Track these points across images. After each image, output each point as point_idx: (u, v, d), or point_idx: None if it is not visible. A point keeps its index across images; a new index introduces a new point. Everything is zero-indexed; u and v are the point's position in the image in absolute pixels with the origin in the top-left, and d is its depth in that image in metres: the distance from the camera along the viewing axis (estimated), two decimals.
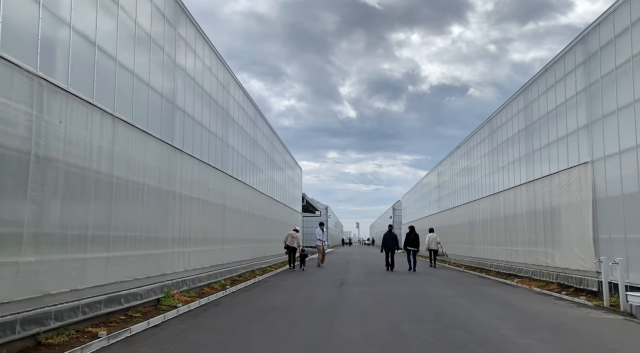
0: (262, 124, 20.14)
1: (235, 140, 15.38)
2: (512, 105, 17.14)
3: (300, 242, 20.96)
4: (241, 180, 16.16)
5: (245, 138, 16.87)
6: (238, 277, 15.34)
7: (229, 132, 14.53)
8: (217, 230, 13.26)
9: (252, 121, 18.06)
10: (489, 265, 19.94)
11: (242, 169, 16.43)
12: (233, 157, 15.16)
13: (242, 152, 16.37)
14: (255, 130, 18.54)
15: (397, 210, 69.77)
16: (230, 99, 14.85)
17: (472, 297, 10.98)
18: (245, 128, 16.78)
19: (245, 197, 16.87)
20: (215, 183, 13.16)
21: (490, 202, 19.83)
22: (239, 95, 16.02)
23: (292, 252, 20.50)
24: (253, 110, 18.33)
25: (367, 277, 16.61)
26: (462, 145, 25.43)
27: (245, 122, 16.91)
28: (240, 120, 16.04)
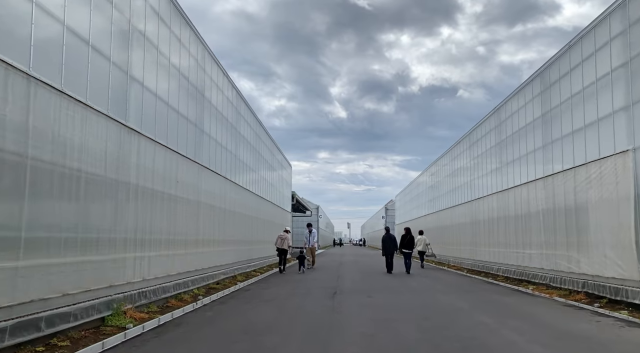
0: (246, 113, 18.17)
1: (213, 127, 13.41)
2: (525, 91, 15.34)
3: (291, 243, 19.74)
4: (221, 174, 14.20)
5: (226, 126, 14.91)
6: (216, 284, 13.38)
7: (204, 117, 12.56)
8: (188, 230, 11.30)
9: (234, 107, 16.08)
10: (495, 269, 18.14)
11: (223, 161, 14.47)
12: (211, 147, 13.19)
13: (222, 142, 14.40)
14: (237, 119, 16.58)
15: (390, 210, 67.98)
16: (207, 79, 12.87)
17: (491, 310, 9.12)
18: (225, 114, 14.81)
19: (226, 193, 14.90)
20: (187, 175, 11.20)
21: (498, 200, 18.03)
22: (217, 75, 14.04)
23: (282, 254, 19.48)
24: (235, 95, 16.35)
25: (364, 282, 14.73)
26: (464, 140, 23.64)
27: (226, 107, 14.94)
28: (219, 105, 14.07)
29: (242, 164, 17.42)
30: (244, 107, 17.65)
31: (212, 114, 13.38)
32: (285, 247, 19.47)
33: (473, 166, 21.74)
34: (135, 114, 8.48)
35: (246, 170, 18.12)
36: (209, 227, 12.99)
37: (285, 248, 19.47)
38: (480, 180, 20.58)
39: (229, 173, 15.16)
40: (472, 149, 21.87)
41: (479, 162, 20.75)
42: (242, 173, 17.42)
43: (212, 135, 13.33)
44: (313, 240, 22.22)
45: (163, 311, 8.81)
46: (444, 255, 27.91)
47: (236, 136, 16.32)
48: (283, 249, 19.44)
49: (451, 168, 26.64)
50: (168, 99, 9.99)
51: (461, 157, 24.18)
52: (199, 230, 12.06)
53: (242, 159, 17.40)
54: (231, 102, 15.67)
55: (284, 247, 19.48)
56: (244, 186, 17.67)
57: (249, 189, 18.61)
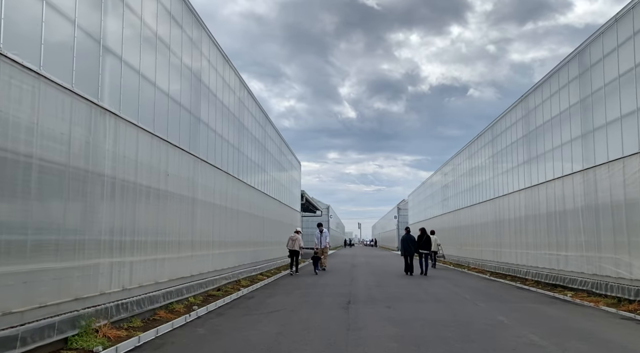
0: (250, 104, 16.79)
1: (212, 116, 12.05)
2: (560, 75, 13.77)
3: (302, 244, 19.11)
4: (222, 169, 12.83)
5: (227, 117, 13.54)
6: (216, 291, 12.01)
7: (201, 104, 11.19)
8: (182, 231, 9.94)
9: (235, 96, 14.70)
10: (523, 272, 16.56)
11: (224, 155, 13.10)
12: (209, 138, 11.83)
13: (223, 134, 13.03)
14: (240, 109, 15.19)
15: (403, 210, 66.29)
16: (204, 61, 11.49)
17: (539, 325, 7.62)
18: (226, 103, 13.43)
19: (228, 190, 13.54)
20: (180, 168, 9.84)
21: (526, 197, 16.46)
22: (217, 59, 12.67)
23: (294, 255, 18.89)
24: (237, 80, 14.96)
25: (380, 289, 13.26)
26: (485, 133, 22.06)
27: (227, 95, 13.56)
28: (219, 92, 12.69)
29: (247, 159, 16.05)
30: (247, 97, 16.27)
31: (211, 102, 12.01)
32: (296, 248, 18.78)
33: (496, 161, 20.16)
34: (112, 93, 7.12)
35: (251, 166, 16.75)
36: (207, 227, 11.62)
37: (296, 249, 18.79)
38: (504, 176, 18.99)
39: (231, 168, 13.78)
40: (495, 142, 20.29)
41: (502, 156, 19.17)
42: (247, 169, 16.05)
43: (211, 126, 11.96)
44: (325, 241, 20.85)
45: (147, 326, 7.44)
46: (462, 257, 26.33)
47: (239, 128, 14.95)
48: (294, 250, 18.79)
49: (469, 165, 25.04)
50: (155, 80, 8.63)
51: (481, 153, 22.59)
52: (195, 231, 10.69)
53: (247, 153, 16.02)
54: (233, 91, 14.29)
55: (295, 249, 18.79)
56: (249, 183, 16.30)
57: (255, 187, 17.24)
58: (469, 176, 25.06)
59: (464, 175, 26.31)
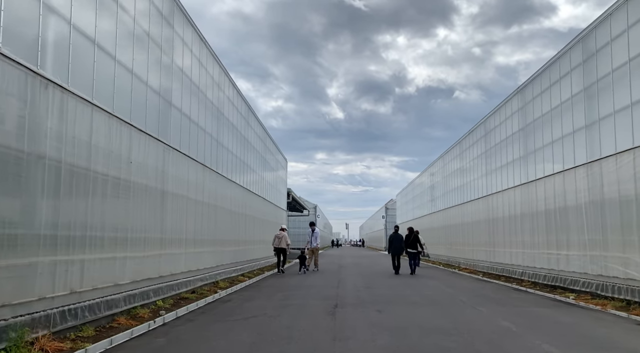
0: (230, 91, 15.72)
1: (186, 102, 10.97)
2: (561, 63, 12.94)
3: (289, 241, 18.53)
4: (197, 160, 11.76)
5: (204, 104, 12.47)
6: (190, 293, 10.95)
7: (172, 87, 10.11)
8: (148, 226, 8.86)
9: (214, 82, 13.62)
10: (519, 273, 15.75)
11: (200, 145, 12.03)
12: (183, 126, 10.76)
13: (199, 122, 11.96)
14: (220, 96, 14.11)
15: (391, 210, 65.59)
16: (176, 37, 10.40)
17: (550, 334, 6.71)
18: (203, 88, 12.36)
19: (205, 183, 12.48)
20: (147, 156, 8.76)
21: (523, 194, 15.64)
22: (192, 37, 11.59)
23: (280, 253, 18.29)
24: (215, 65, 13.88)
25: (370, 291, 12.30)
26: (477, 129, 21.25)
27: (203, 79, 12.48)
28: (194, 75, 11.61)
29: (227, 152, 14.99)
30: (228, 84, 15.19)
31: (185, 85, 10.94)
32: (283, 246, 18.10)
33: (489, 157, 19.35)
34: (57, 62, 6.04)
35: (232, 160, 15.69)
36: (179, 223, 10.55)
37: (283, 247, 18.11)
38: (497, 173, 18.19)
39: (208, 160, 12.72)
40: (488, 137, 19.48)
41: (496, 151, 18.36)
42: (227, 163, 14.99)
43: (185, 111, 10.89)
44: (315, 241, 19.92)
45: (100, 336, 6.38)
46: (453, 257, 25.53)
47: (218, 117, 13.88)
48: (281, 248, 18.13)
49: (460, 162, 24.25)
50: (116, 54, 7.55)
51: (473, 149, 21.78)
52: (164, 227, 9.62)
53: (227, 146, 14.96)
54: (212, 77, 13.21)
55: (281, 246, 18.11)
56: (230, 178, 15.23)
57: (236, 182, 16.17)
58: (460, 173, 24.26)
59: (455, 172, 25.52)
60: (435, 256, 30.18)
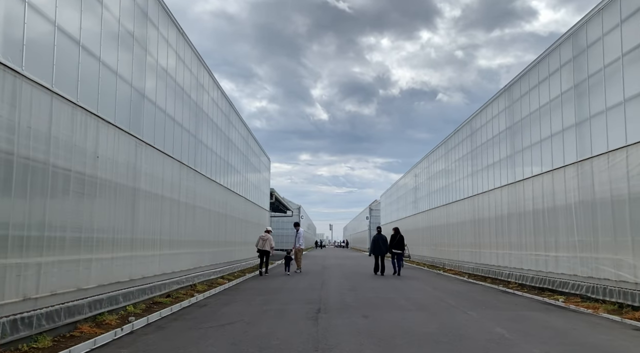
0: (210, 86, 15.12)
1: (162, 94, 10.37)
2: (550, 60, 12.65)
3: (273, 244, 18.38)
4: (174, 157, 11.16)
5: (181, 98, 11.87)
6: (164, 297, 10.34)
7: (146, 75, 9.51)
8: (117, 226, 8.25)
9: (190, 73, 13.00)
10: (505, 274, 15.45)
11: (177, 141, 11.43)
12: (157, 119, 10.16)
13: (176, 117, 11.37)
14: (197, 89, 13.49)
15: (375, 210, 65.39)
16: (150, 26, 9.79)
17: (548, 341, 6.31)
18: (180, 81, 11.75)
19: (182, 181, 11.88)
20: (116, 151, 8.15)
21: (510, 194, 15.34)
22: (163, 21, 10.98)
23: (264, 255, 18.06)
24: (193, 56, 13.27)
25: (355, 294, 11.82)
26: (463, 128, 20.98)
27: (180, 71, 11.87)
28: (170, 68, 11.01)
29: (207, 150, 14.38)
30: (208, 79, 14.58)
31: (160, 77, 10.34)
32: (267, 248, 17.90)
33: (475, 156, 19.06)
34: (7, 43, 5.44)
35: (212, 157, 15.09)
36: (153, 224, 9.94)
37: (267, 250, 17.92)
38: (484, 172, 17.90)
39: (185, 157, 12.11)
40: (474, 137, 19.19)
41: (482, 151, 18.07)
42: (207, 160, 14.39)
43: (160, 105, 10.29)
44: (299, 242, 19.52)
45: (58, 346, 5.78)
46: (438, 258, 25.24)
47: (197, 113, 13.27)
48: (264, 250, 17.92)
49: (446, 161, 23.97)
50: (80, 39, 6.94)
51: (459, 148, 21.50)
52: (136, 227, 9.01)
53: (207, 143, 14.36)
54: (189, 69, 12.61)
55: (265, 248, 17.89)
56: (209, 176, 14.63)
57: (216, 181, 15.57)
58: (445, 173, 23.97)
59: (440, 172, 25.24)
60: (419, 257, 29.89)
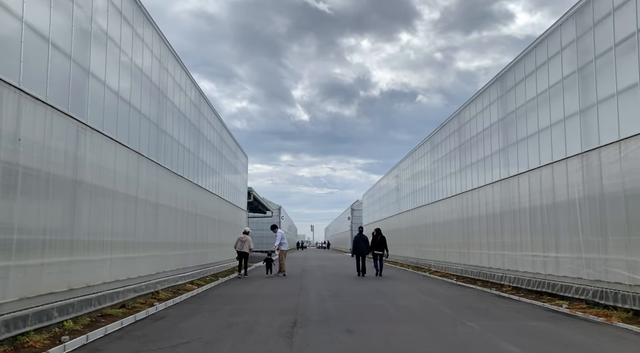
0: (175, 68, 13.68)
1: (112, 73, 8.95)
2: (549, 42, 11.60)
3: (252, 246, 17.92)
4: (129, 147, 9.74)
5: (139, 79, 10.44)
6: (119, 308, 8.92)
7: (91, 50, 8.08)
8: (50, 225, 6.82)
9: (152, 55, 11.56)
10: (498, 277, 14.38)
11: (134, 128, 10.01)
12: (107, 101, 8.73)
13: (133, 102, 9.95)
14: (161, 73, 12.06)
15: (357, 211, 64.32)
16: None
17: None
18: (138, 61, 10.32)
19: (141, 176, 10.46)
20: (48, 134, 6.73)
21: (503, 190, 14.28)
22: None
23: (242, 257, 17.67)
24: (154, 34, 11.82)
25: (337, 301, 10.55)
26: (450, 122, 19.92)
27: (138, 48, 10.43)
28: (124, 43, 9.57)
29: (172, 141, 12.97)
30: (171, 59, 13.09)
31: (111, 52, 8.91)
32: (245, 250, 17.57)
33: (463, 151, 18.00)
34: None
35: (179, 150, 13.67)
36: (102, 223, 8.50)
37: (245, 251, 17.58)
38: (473, 168, 16.84)
39: (145, 148, 10.69)
40: (462, 131, 18.14)
41: (472, 145, 17.01)
42: (173, 153, 12.97)
43: (111, 85, 8.86)
44: (280, 243, 18.50)
45: None
46: (423, 259, 24.18)
47: (159, 98, 11.83)
48: (243, 252, 17.58)
49: (431, 158, 22.91)
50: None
51: (445, 144, 20.44)
52: (78, 227, 7.58)
53: (172, 133, 12.94)
54: (149, 48, 11.16)
55: (243, 250, 17.57)
56: (176, 171, 13.21)
57: (185, 176, 14.15)
58: (431, 171, 22.91)
59: (425, 170, 24.18)
60: (403, 258, 28.83)
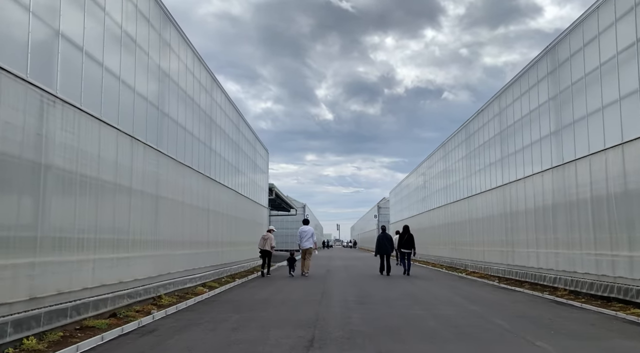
0: (179, 43, 12.24)
1: (94, 38, 7.51)
2: (604, 9, 9.69)
3: (274, 244, 17.68)
4: (120, 129, 8.31)
5: (128, 48, 9.01)
6: (106, 318, 7.50)
7: (59, 10, 6.65)
8: (18, 220, 5.41)
9: (148, 24, 10.12)
10: (550, 279, 12.47)
11: (126, 109, 8.58)
12: (87, 74, 7.29)
13: (125, 79, 8.52)
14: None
15: (384, 209, 62.41)
16: None
17: None
18: (131, 30, 8.87)
19: (135, 163, 9.05)
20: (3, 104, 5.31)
21: (556, 179, 12.35)
22: None
23: (265, 256, 17.41)
24: None
25: (364, 309, 8.91)
26: (489, 106, 18.00)
27: (131, 20, 8.99)
28: (111, 5, 8.13)
29: (176, 126, 11.55)
30: (171, 30, 11.63)
31: (92, 13, 7.48)
32: (267, 248, 17.32)
33: (505, 137, 16.07)
34: None
35: (183, 135, 12.25)
36: (82, 217, 7.07)
37: (267, 249, 17.33)
38: (518, 156, 14.92)
39: (142, 131, 9.24)
40: (504, 114, 16.20)
41: (516, 130, 15.08)
42: (175, 139, 11.56)
43: (93, 55, 7.42)
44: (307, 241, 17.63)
45: None
46: (457, 258, 22.27)
47: (159, 77, 10.40)
48: (265, 250, 17.33)
49: (467, 148, 20.97)
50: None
51: (484, 130, 18.52)
52: (45, 221, 6.15)
53: (177, 118, 11.51)
54: (146, 18, 9.73)
55: (266, 248, 17.32)
56: (182, 161, 11.80)
57: (192, 167, 12.73)
58: (467, 162, 20.99)
59: (460, 161, 22.25)
60: (435, 258, 26.94)
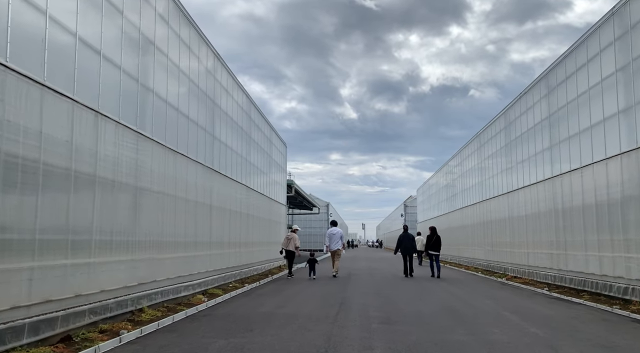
0: (180, 22, 10.51)
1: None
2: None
3: (298, 244, 17.15)
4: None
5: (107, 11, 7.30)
6: (55, 342, 5.80)
7: None
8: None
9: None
10: (619, 289, 10.26)
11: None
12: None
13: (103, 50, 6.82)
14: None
15: (410, 207, 60.10)
16: None
17: None
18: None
19: (101, 145, 7.34)
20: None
21: (623, 168, 10.15)
22: None
23: (289, 256, 17.21)
24: None
25: (391, 333, 6.98)
26: (533, 87, 15.77)
27: None
28: None
29: (161, 102, 9.84)
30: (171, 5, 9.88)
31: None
32: (291, 249, 16.96)
33: (554, 122, 13.86)
34: None
35: (175, 117, 10.55)
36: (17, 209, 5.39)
37: (291, 250, 16.97)
38: (571, 143, 12.71)
39: (111, 105, 7.54)
40: (554, 95, 13.98)
41: (568, 112, 12.86)
42: (164, 120, 9.86)
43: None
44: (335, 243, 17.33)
45: None
46: (495, 261, 20.05)
47: (142, 45, 8.69)
48: (288, 250, 17.02)
49: (507, 138, 18.75)
50: None
51: (527, 116, 16.30)
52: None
53: (159, 91, 9.81)
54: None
55: (289, 248, 16.96)
56: (169, 146, 10.09)
57: (190, 156, 11.02)
58: (505, 154, 18.75)
59: (497, 154, 20.01)
60: (468, 260, 24.72)
